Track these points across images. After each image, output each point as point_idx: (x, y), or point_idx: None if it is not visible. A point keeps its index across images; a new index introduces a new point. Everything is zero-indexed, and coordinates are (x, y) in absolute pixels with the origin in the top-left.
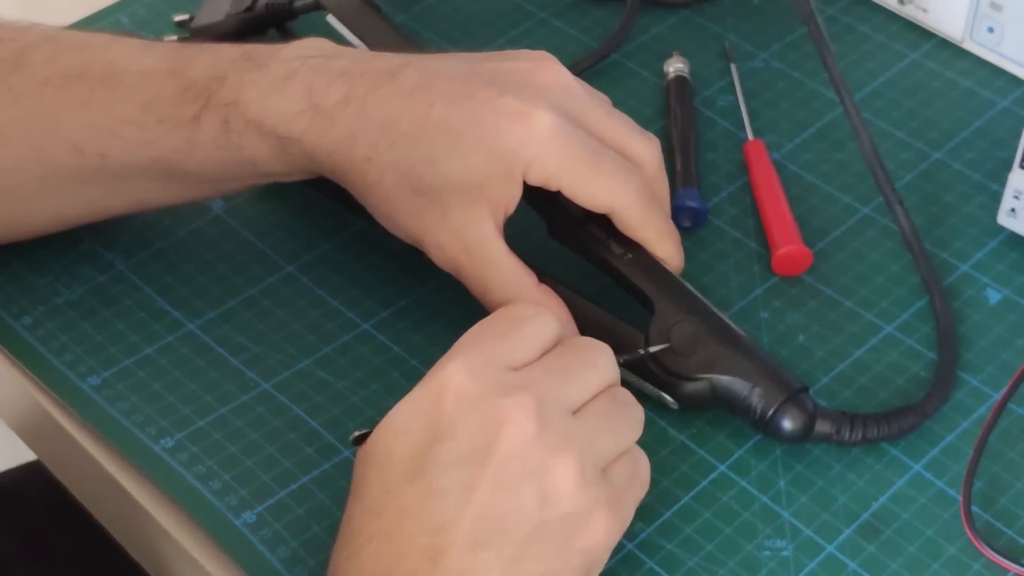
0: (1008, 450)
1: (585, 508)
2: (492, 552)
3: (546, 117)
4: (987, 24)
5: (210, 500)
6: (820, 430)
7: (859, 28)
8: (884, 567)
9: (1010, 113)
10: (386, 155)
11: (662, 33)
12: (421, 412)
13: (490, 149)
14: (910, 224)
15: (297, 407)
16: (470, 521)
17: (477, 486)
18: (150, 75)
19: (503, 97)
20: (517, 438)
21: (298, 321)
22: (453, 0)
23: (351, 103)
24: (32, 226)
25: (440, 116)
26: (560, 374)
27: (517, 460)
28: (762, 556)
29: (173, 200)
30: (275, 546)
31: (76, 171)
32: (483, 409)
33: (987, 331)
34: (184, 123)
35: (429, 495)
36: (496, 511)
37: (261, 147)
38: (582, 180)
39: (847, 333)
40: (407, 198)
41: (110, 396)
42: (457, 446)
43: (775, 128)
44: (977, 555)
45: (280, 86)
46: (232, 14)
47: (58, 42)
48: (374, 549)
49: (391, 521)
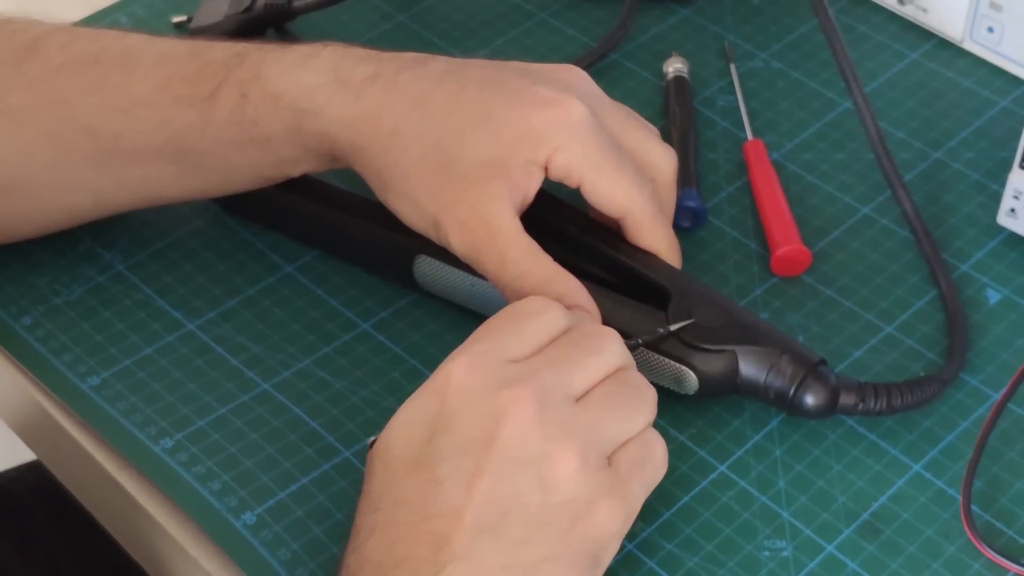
0: (1008, 450)
1: (587, 495)
2: (493, 536)
3: (579, 107)
4: (987, 24)
5: (210, 501)
6: (844, 402)
7: (859, 28)
8: (884, 567)
9: (1010, 113)
10: (414, 127)
11: (661, 33)
12: (423, 408)
13: (520, 128)
14: (913, 206)
15: (297, 407)
16: (471, 507)
17: (478, 474)
18: (168, 55)
19: (536, 86)
20: (516, 428)
21: (298, 321)
22: (453, 0)
23: (379, 80)
24: (39, 221)
25: (473, 95)
26: (561, 363)
27: (517, 449)
28: (762, 556)
29: (181, 191)
30: (275, 547)
31: (89, 155)
32: (483, 401)
33: (987, 331)
34: (200, 100)
35: (429, 484)
36: (497, 497)
37: (276, 123)
38: (604, 176)
39: (847, 333)
40: (429, 174)
41: (110, 396)
42: (457, 437)
43: (774, 128)
44: (977, 555)
45: (303, 62)
46: (231, 15)
47: (72, 31)
48: (375, 541)
49: (389, 512)
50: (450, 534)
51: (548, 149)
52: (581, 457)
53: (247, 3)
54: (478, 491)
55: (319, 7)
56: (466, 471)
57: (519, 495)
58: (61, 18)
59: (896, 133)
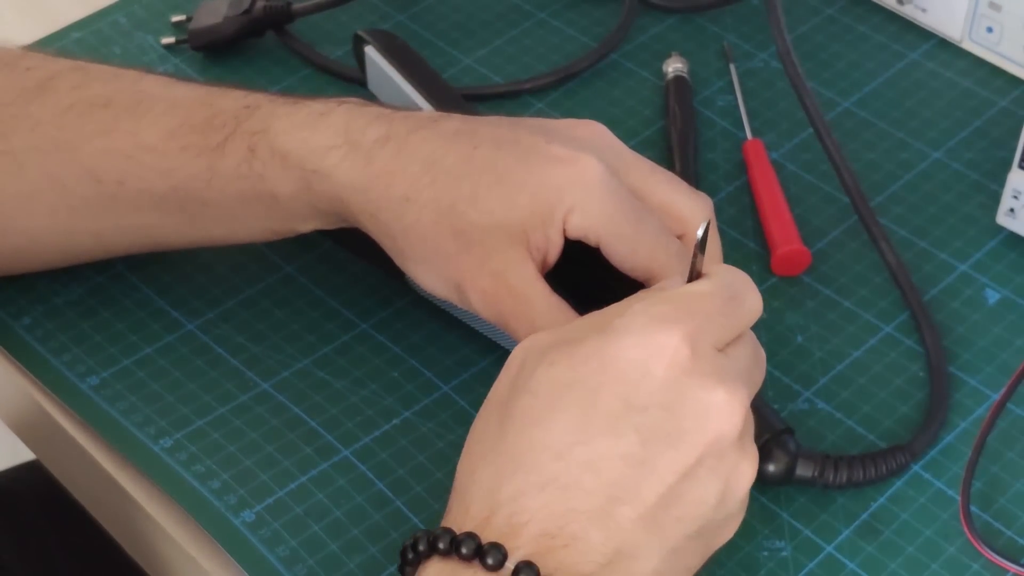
0: (1007, 450)
1: (740, 513)
2: (659, 535)
3: (594, 164)
4: (986, 24)
5: (209, 499)
6: (802, 474)
7: (858, 28)
8: (883, 567)
9: (1009, 113)
10: (425, 192)
11: (661, 33)
12: (629, 357)
13: (534, 190)
14: (895, 257)
15: (296, 407)
16: (652, 495)
17: (675, 469)
18: (179, 103)
19: (551, 144)
20: (726, 436)
21: (297, 321)
22: (452, 0)
23: (390, 142)
24: (39, 261)
25: (485, 156)
26: (758, 368)
27: (716, 458)
28: (761, 556)
29: (184, 240)
30: (274, 545)
31: (91, 200)
32: (700, 392)
33: (986, 331)
34: (207, 150)
35: (627, 461)
36: (681, 497)
37: (284, 181)
38: (623, 236)
39: (846, 333)
40: (446, 240)
41: (109, 396)
42: (668, 423)
43: (774, 128)
44: (976, 555)
45: (315, 120)
46: (230, 16)
47: (87, 72)
48: (546, 498)
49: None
50: (628, 521)
51: (563, 209)
52: (753, 474)
53: (246, 4)
54: (669, 487)
55: (318, 9)
56: (668, 460)
57: (702, 503)
58: (61, 18)
59: (896, 133)
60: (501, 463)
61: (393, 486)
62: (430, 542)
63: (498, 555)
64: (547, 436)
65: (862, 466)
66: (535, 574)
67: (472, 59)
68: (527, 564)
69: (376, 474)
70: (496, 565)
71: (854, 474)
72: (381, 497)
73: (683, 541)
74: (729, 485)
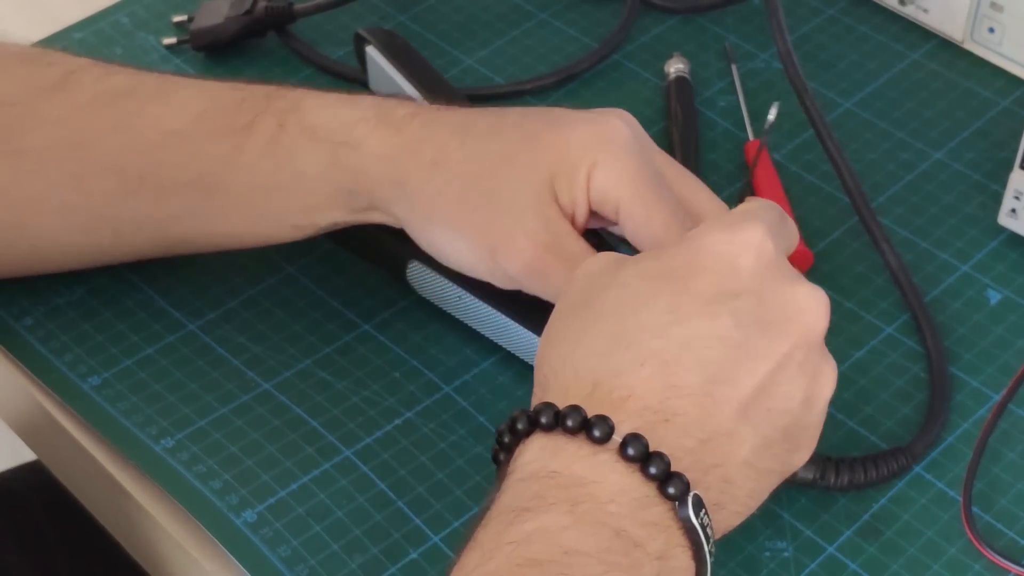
0: (1008, 451)
1: (820, 421)
2: (752, 427)
3: (620, 125)
4: (988, 24)
5: (210, 499)
6: (803, 476)
7: (860, 28)
8: (884, 568)
9: (1010, 113)
10: (455, 155)
11: (662, 34)
12: (717, 251)
13: (560, 150)
14: (896, 258)
15: (297, 407)
16: (749, 381)
17: (767, 354)
18: (208, 87)
19: (578, 113)
20: (811, 327)
21: (298, 321)
22: (453, 0)
23: (418, 116)
24: (56, 261)
25: (514, 121)
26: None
27: (806, 353)
28: (763, 557)
29: (202, 236)
30: (275, 545)
31: (111, 195)
32: (787, 286)
33: (987, 331)
34: (235, 131)
35: (727, 344)
36: (774, 390)
37: (311, 155)
38: (643, 199)
39: (847, 334)
40: (476, 204)
41: (110, 396)
42: (759, 310)
43: (775, 128)
44: (978, 556)
45: (344, 100)
46: (231, 16)
47: (108, 66)
48: (647, 374)
49: (673, 352)
50: (726, 401)
51: (587, 164)
52: (834, 383)
53: (248, 5)
54: (764, 375)
55: (320, 10)
56: (763, 347)
57: (791, 398)
58: (61, 18)
59: (896, 133)
60: (597, 346)
61: (394, 486)
62: (531, 418)
63: (605, 427)
64: (644, 317)
65: (863, 469)
66: (643, 446)
67: (473, 59)
68: (635, 436)
69: (377, 474)
70: (603, 438)
71: (855, 477)
72: (382, 497)
73: (772, 434)
74: (814, 386)
